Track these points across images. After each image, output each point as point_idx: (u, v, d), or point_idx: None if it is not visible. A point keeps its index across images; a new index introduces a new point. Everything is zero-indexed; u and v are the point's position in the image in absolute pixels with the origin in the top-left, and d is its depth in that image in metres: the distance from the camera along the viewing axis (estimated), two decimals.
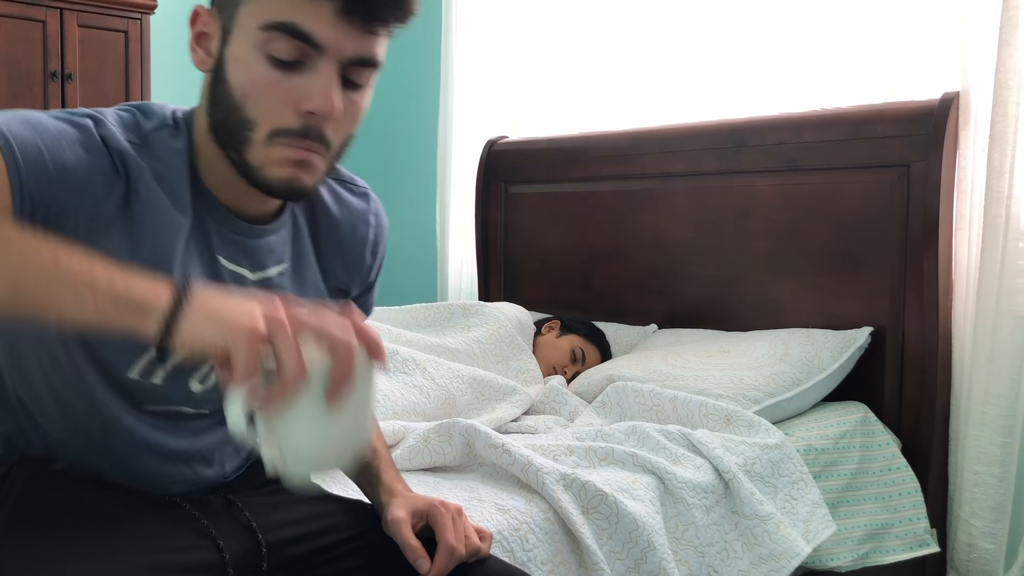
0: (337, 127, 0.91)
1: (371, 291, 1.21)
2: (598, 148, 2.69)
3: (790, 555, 1.62)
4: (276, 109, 0.88)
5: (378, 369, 0.79)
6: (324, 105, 0.87)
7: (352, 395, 0.76)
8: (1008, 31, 1.88)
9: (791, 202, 2.28)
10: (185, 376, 0.98)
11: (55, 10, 2.92)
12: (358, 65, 0.90)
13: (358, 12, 0.86)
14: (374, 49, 0.90)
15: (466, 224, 3.12)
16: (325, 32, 0.85)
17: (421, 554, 1.01)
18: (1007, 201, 1.91)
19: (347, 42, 0.87)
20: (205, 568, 0.95)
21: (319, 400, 0.75)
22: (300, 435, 0.76)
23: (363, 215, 1.13)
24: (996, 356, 1.92)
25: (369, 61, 0.90)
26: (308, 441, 0.77)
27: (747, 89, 2.54)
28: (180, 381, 0.98)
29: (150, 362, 0.95)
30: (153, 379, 0.96)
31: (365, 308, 1.23)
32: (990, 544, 1.95)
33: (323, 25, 0.85)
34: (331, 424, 0.76)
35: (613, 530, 1.47)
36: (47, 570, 0.86)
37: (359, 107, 0.93)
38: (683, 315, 2.50)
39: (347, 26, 0.86)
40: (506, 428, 1.96)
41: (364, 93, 0.94)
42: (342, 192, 1.12)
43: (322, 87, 0.87)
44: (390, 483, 1.12)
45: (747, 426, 1.80)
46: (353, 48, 0.88)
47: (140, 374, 0.95)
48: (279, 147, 0.89)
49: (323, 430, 0.76)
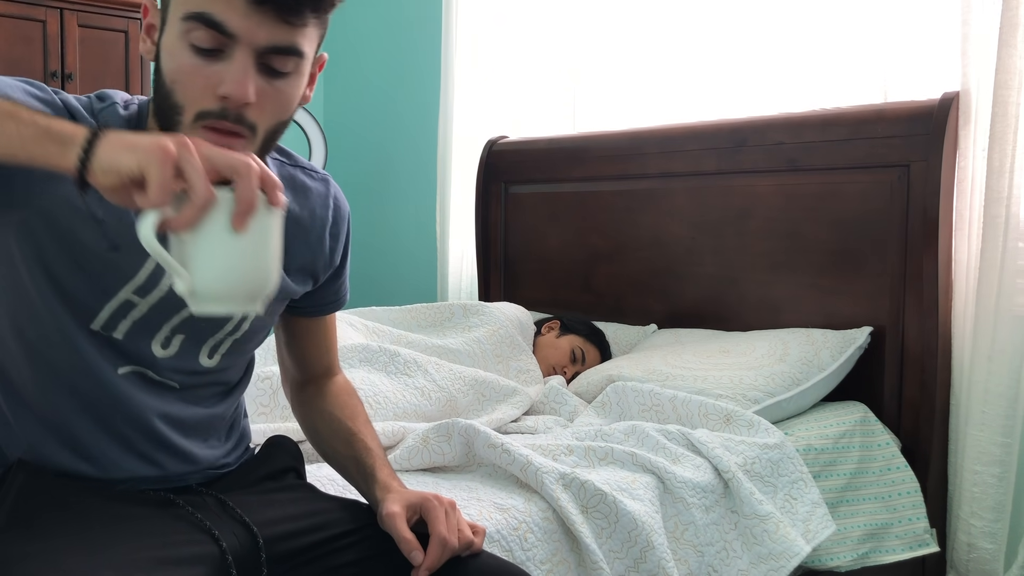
0: (262, 112, 0.95)
1: (339, 277, 1.24)
2: (598, 148, 2.69)
3: (790, 555, 1.62)
4: (199, 94, 0.93)
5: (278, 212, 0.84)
6: (236, 91, 0.91)
7: (257, 225, 0.81)
8: (1008, 31, 1.88)
9: (791, 202, 2.28)
10: (148, 335, 1.02)
11: (55, 10, 2.92)
12: (276, 54, 0.93)
13: (270, 3, 0.89)
14: (292, 38, 0.93)
15: (466, 224, 3.12)
16: (237, 22, 0.89)
17: (415, 546, 1.03)
18: (1007, 201, 1.91)
19: (260, 31, 0.90)
20: (206, 561, 0.96)
21: (225, 225, 0.80)
22: (206, 257, 0.81)
23: (322, 198, 1.17)
24: (996, 356, 1.92)
25: (286, 50, 0.93)
26: (213, 264, 0.81)
27: (747, 89, 2.55)
28: (143, 339, 1.02)
29: (112, 314, 0.99)
30: (115, 333, 1.00)
31: (337, 296, 1.25)
32: (990, 544, 1.95)
33: (235, 15, 0.89)
34: (236, 249, 0.81)
35: (612, 529, 1.47)
36: (47, 564, 0.87)
37: (285, 94, 0.96)
38: (683, 315, 2.50)
39: (260, 16, 0.90)
40: (506, 428, 1.96)
41: (290, 81, 0.96)
42: (302, 177, 1.16)
43: (235, 73, 0.91)
44: (385, 480, 1.13)
45: (747, 426, 1.80)
46: (267, 37, 0.91)
47: (103, 326, 0.99)
48: (203, 130, 0.93)
49: (228, 254, 0.81)
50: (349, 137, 3.75)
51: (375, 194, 3.68)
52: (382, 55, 3.61)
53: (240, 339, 1.11)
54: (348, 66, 3.73)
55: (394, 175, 3.61)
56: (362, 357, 1.93)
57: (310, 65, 0.99)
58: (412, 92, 3.50)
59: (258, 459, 1.21)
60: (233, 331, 1.09)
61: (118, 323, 1.01)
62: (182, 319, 1.04)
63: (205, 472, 1.12)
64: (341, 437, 1.20)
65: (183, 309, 1.02)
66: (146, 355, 1.03)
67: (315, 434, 1.25)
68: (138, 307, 1.01)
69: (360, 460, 1.16)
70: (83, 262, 0.97)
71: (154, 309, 1.02)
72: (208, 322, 1.06)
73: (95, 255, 0.97)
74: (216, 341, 1.09)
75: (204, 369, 1.09)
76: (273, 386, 1.73)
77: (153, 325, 1.03)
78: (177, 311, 1.03)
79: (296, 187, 1.14)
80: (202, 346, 1.08)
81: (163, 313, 1.02)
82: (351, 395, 1.27)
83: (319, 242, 1.16)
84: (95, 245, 0.97)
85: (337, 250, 1.20)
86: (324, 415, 1.24)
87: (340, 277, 1.24)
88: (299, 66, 0.96)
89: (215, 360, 1.10)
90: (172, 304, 1.02)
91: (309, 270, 1.17)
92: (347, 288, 1.27)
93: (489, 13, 3.04)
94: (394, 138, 3.60)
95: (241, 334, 1.10)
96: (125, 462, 1.03)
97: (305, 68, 0.97)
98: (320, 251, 1.17)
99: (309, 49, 0.96)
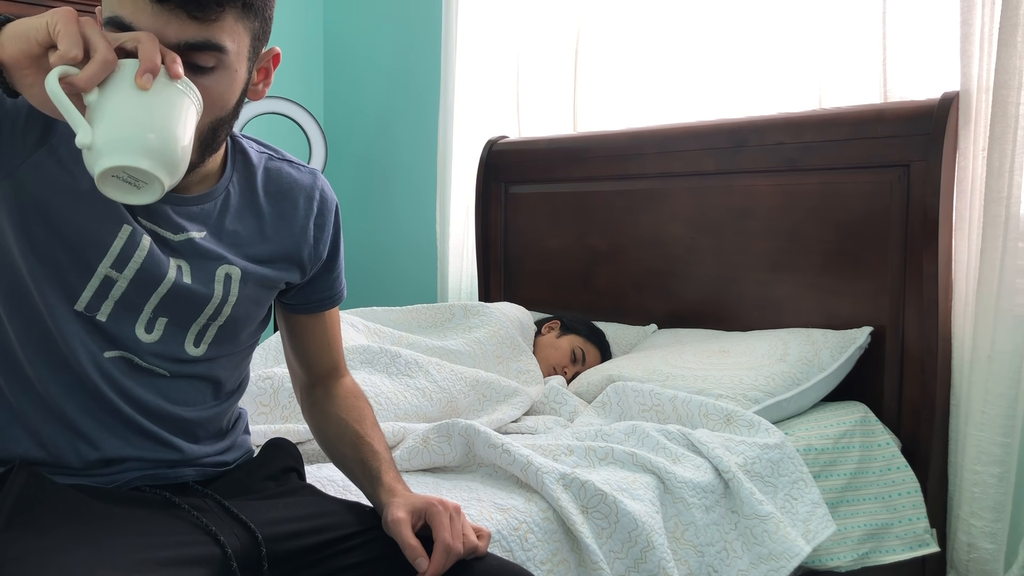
0: None
1: (332, 272, 1.25)
2: (598, 148, 2.69)
3: (790, 555, 1.62)
4: None
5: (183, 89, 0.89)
6: None
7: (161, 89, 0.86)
8: (1008, 31, 1.88)
9: (791, 202, 2.28)
10: (131, 316, 1.04)
11: None
12: (193, 50, 0.94)
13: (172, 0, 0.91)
14: (205, 34, 0.93)
15: (466, 224, 3.12)
16: (145, 22, 0.91)
17: (420, 553, 1.03)
18: (1007, 201, 1.91)
19: (169, 29, 0.91)
20: (209, 562, 0.97)
21: (130, 84, 0.85)
22: (109, 111, 0.85)
23: (307, 190, 1.20)
24: (996, 356, 1.92)
25: (200, 45, 0.94)
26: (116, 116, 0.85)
27: (747, 89, 2.54)
28: (126, 322, 1.04)
29: (95, 293, 1.02)
30: (99, 315, 1.03)
31: (332, 291, 1.26)
32: (990, 544, 1.95)
33: (143, 15, 0.91)
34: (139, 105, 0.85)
35: (612, 529, 1.47)
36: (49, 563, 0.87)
37: (211, 90, 0.96)
38: (683, 315, 2.50)
39: (168, 15, 0.91)
40: (506, 428, 1.96)
41: (216, 76, 0.97)
42: (288, 169, 1.19)
43: None
44: (391, 483, 1.13)
45: (747, 426, 1.81)
46: (176, 34, 0.92)
47: (86, 307, 1.02)
48: None
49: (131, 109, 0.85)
50: (349, 137, 3.75)
51: (375, 194, 3.68)
52: (382, 55, 3.61)
53: (224, 325, 1.12)
54: (348, 66, 3.73)
55: (394, 175, 3.61)
56: (363, 358, 1.94)
57: (241, 59, 0.99)
58: (412, 92, 3.50)
59: (258, 460, 1.22)
60: (214, 315, 1.10)
61: (100, 303, 1.02)
62: (161, 297, 1.05)
63: (201, 469, 1.12)
64: (348, 440, 1.21)
65: (161, 284, 1.05)
66: (130, 339, 1.05)
67: (323, 437, 1.26)
68: (118, 284, 1.03)
69: (366, 463, 1.17)
70: (63, 232, 1.00)
71: (133, 285, 1.03)
72: (187, 303, 1.08)
73: (72, 226, 0.99)
74: (200, 327, 1.10)
75: (191, 358, 1.10)
76: (274, 386, 1.73)
77: (135, 305, 1.04)
78: (155, 286, 1.05)
79: (282, 179, 1.18)
80: (187, 332, 1.09)
81: (143, 290, 1.04)
82: (358, 398, 1.28)
83: (303, 232, 1.18)
84: (71, 213, 0.99)
85: (323, 240, 1.21)
86: (331, 418, 1.24)
87: (332, 272, 1.25)
88: (222, 61, 0.96)
89: (202, 349, 1.11)
90: (150, 278, 1.04)
91: (295, 259, 1.18)
92: (343, 285, 1.28)
93: (489, 13, 3.04)
94: (394, 138, 3.60)
95: (224, 319, 1.11)
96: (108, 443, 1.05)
97: (232, 62, 0.97)
98: (304, 241, 1.18)
99: (231, 43, 0.96)
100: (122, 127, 0.85)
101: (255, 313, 1.17)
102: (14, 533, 0.92)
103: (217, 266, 1.09)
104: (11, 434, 1.03)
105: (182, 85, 0.89)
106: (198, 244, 1.08)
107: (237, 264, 1.11)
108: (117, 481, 1.06)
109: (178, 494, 1.07)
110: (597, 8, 2.85)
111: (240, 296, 1.11)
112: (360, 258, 3.64)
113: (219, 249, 1.10)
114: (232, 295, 1.11)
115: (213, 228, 1.10)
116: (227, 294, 1.10)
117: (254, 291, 1.14)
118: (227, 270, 1.10)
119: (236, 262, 1.11)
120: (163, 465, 1.09)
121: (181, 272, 1.06)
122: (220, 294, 1.10)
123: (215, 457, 1.15)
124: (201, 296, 1.08)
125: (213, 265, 1.09)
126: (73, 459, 1.04)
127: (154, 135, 0.86)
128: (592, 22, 2.88)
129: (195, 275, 1.07)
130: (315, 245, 1.20)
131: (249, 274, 1.12)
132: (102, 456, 1.05)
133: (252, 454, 1.25)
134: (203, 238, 1.09)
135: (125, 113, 0.85)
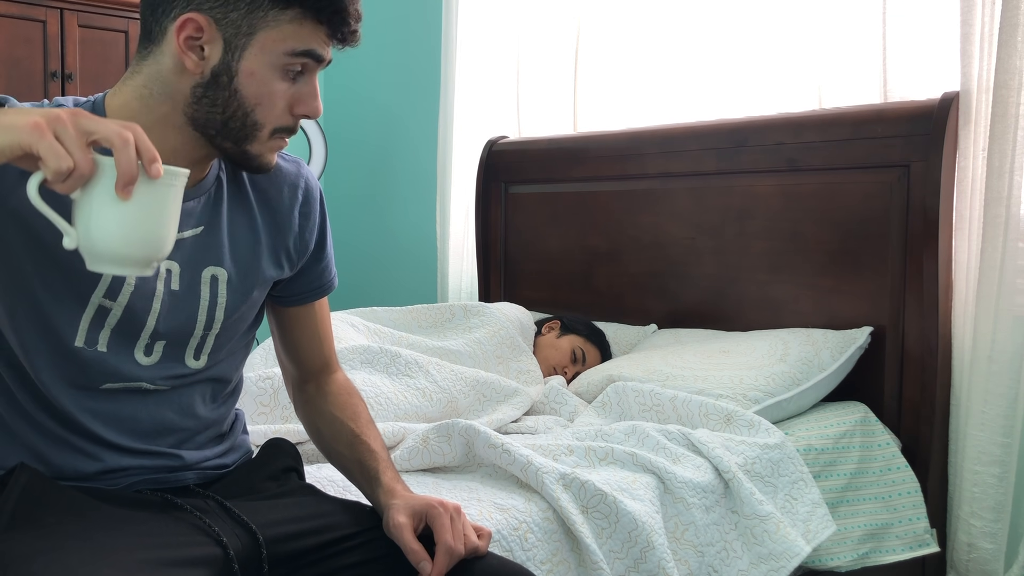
0: None
1: (321, 261, 1.25)
2: (598, 148, 2.69)
3: (790, 555, 1.62)
4: (280, 113, 1.05)
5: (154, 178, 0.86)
6: (316, 110, 1.07)
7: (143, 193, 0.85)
8: (1008, 31, 1.88)
9: (791, 202, 2.28)
10: (129, 343, 1.04)
11: (55, 10, 2.92)
12: None
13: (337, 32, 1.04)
14: None
15: (466, 224, 3.12)
16: (325, 51, 1.05)
17: (423, 557, 1.03)
18: (1007, 201, 1.91)
19: (328, 53, 1.06)
20: (210, 562, 0.97)
21: (110, 191, 0.84)
22: (94, 219, 0.85)
23: (292, 178, 1.20)
24: (996, 356, 1.92)
25: None
26: (100, 226, 0.85)
27: (747, 89, 2.54)
28: (125, 349, 1.04)
29: (91, 324, 1.01)
30: (98, 346, 1.02)
31: (322, 280, 1.26)
32: (990, 544, 1.95)
33: (323, 46, 1.05)
34: (121, 215, 0.85)
35: (612, 529, 1.47)
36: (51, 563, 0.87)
37: None
38: (683, 315, 2.50)
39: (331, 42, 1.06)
40: (506, 429, 1.96)
41: None
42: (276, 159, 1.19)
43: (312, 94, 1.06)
44: (390, 484, 1.13)
45: (747, 426, 1.80)
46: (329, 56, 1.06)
47: (85, 341, 1.02)
48: (276, 140, 1.07)
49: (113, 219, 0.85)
50: (349, 137, 3.75)
51: (375, 194, 3.68)
52: (382, 55, 3.61)
53: (220, 334, 1.12)
54: (348, 66, 3.73)
55: (394, 175, 3.61)
56: (363, 359, 1.94)
57: None
58: (412, 92, 3.50)
59: (258, 460, 1.22)
60: (208, 323, 1.10)
61: (97, 334, 1.02)
62: (155, 322, 1.05)
63: (202, 472, 1.12)
64: (344, 439, 1.20)
65: (153, 298, 1.04)
66: (131, 366, 1.05)
67: (318, 436, 1.26)
68: (112, 312, 1.02)
69: (364, 463, 1.17)
70: (56, 262, 0.99)
71: (128, 312, 1.03)
72: (182, 323, 1.07)
73: (64, 256, 0.98)
74: (197, 339, 1.10)
75: (192, 371, 1.10)
76: (274, 386, 1.73)
77: (131, 331, 1.04)
78: (148, 313, 1.04)
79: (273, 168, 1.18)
80: (185, 348, 1.09)
81: (137, 316, 1.04)
82: (352, 394, 1.27)
83: (287, 221, 1.18)
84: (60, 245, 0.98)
85: (308, 229, 1.21)
86: (326, 416, 1.24)
87: (321, 261, 1.25)
88: None
89: (203, 360, 1.11)
90: (143, 304, 1.03)
91: (283, 251, 1.18)
92: (333, 274, 1.28)
93: (489, 13, 3.04)
94: (394, 138, 3.60)
95: (220, 328, 1.11)
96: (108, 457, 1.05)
97: None
98: (289, 230, 1.18)
99: None
100: (105, 240, 0.84)
101: (249, 315, 1.17)
102: (17, 533, 0.92)
103: (203, 268, 1.09)
104: (10, 451, 1.03)
105: (164, 178, 0.86)
106: (188, 244, 1.07)
107: (224, 266, 1.11)
108: (118, 485, 1.06)
109: (179, 496, 1.07)
110: (597, 8, 2.85)
111: (229, 300, 1.11)
112: (360, 258, 3.64)
113: (210, 248, 1.09)
114: (221, 297, 1.10)
115: (207, 222, 1.09)
116: (215, 296, 1.10)
117: (249, 293, 1.14)
118: (213, 271, 1.10)
119: (224, 263, 1.11)
120: (164, 471, 1.09)
121: (170, 276, 1.06)
122: (207, 296, 1.09)
123: (215, 460, 1.15)
124: (190, 303, 1.08)
125: (200, 267, 1.09)
126: (72, 473, 1.04)
127: (139, 244, 0.86)
128: (592, 22, 2.88)
129: (183, 277, 1.07)
130: (300, 233, 1.20)
131: (236, 274, 1.12)
132: (103, 468, 1.04)
133: (251, 454, 1.25)
134: (197, 235, 1.08)
135: (108, 222, 0.84)
